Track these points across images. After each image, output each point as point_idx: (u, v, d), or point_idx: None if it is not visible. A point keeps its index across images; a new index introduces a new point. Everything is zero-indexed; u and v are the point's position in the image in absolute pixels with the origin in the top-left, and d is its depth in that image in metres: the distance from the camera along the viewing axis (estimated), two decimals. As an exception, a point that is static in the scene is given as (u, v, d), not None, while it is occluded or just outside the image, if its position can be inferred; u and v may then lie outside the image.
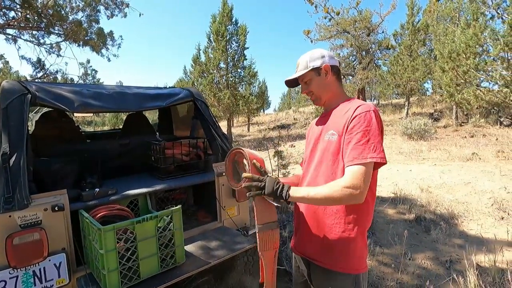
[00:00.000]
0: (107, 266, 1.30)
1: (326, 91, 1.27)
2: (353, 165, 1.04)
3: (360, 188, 1.01)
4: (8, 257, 1.31)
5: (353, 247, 1.15)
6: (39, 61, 6.07)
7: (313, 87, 1.28)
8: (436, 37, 13.05)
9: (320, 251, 1.20)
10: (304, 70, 1.27)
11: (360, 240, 1.16)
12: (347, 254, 1.16)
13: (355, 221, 1.14)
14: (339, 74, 1.31)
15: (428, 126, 11.15)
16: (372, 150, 1.04)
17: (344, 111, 1.17)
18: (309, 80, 1.28)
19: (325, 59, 1.26)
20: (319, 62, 1.26)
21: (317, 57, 1.27)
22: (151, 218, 1.42)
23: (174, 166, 2.15)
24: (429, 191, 4.94)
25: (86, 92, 1.98)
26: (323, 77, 1.26)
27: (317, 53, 1.28)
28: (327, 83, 1.27)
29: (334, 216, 1.16)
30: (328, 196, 1.04)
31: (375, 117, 1.10)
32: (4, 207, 1.34)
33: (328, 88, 1.27)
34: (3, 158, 1.45)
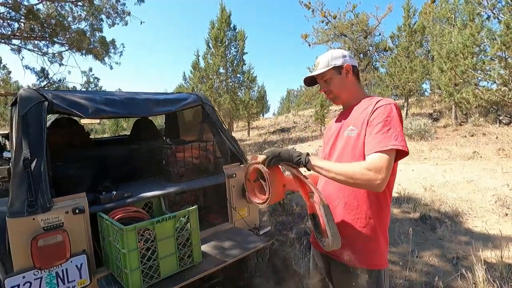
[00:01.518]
0: (129, 265, 1.34)
1: (346, 90, 1.28)
2: (374, 153, 1.03)
3: (381, 174, 0.98)
4: (33, 258, 1.35)
5: (375, 242, 1.15)
6: (42, 70, 6.15)
7: (333, 85, 1.29)
8: (433, 38, 13.21)
9: (343, 248, 1.16)
10: (325, 68, 1.27)
11: (381, 235, 1.16)
12: (369, 250, 1.15)
13: (376, 216, 1.14)
14: (358, 75, 1.33)
15: (428, 126, 11.21)
16: (394, 139, 1.02)
17: (364, 107, 1.18)
18: (329, 78, 1.28)
19: (347, 59, 1.28)
20: (340, 61, 1.27)
21: (339, 56, 1.28)
22: (170, 218, 1.47)
23: (185, 169, 2.20)
24: (433, 190, 4.98)
25: (98, 99, 2.03)
26: (344, 76, 1.27)
27: (338, 52, 1.30)
28: (347, 82, 1.27)
29: (355, 211, 1.16)
30: (348, 173, 1.02)
31: (396, 109, 1.10)
32: (28, 211, 1.39)
33: (348, 87, 1.28)
34: (25, 163, 1.50)
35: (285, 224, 4.05)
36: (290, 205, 4.68)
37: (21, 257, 1.38)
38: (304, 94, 21.76)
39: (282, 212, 4.46)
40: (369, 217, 1.15)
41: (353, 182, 1.03)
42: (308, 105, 23.75)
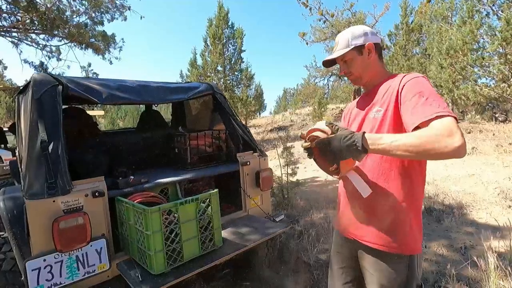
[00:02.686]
0: (153, 247, 1.31)
1: (369, 71, 1.19)
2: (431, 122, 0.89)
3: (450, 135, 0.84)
4: (55, 240, 1.32)
5: (409, 227, 1.10)
6: (41, 64, 6.04)
7: (354, 67, 1.19)
8: (430, 37, 13.32)
9: (374, 232, 1.13)
10: (346, 49, 1.17)
11: (415, 220, 1.11)
12: (403, 235, 1.09)
13: (409, 199, 1.09)
14: (381, 52, 1.23)
15: (426, 123, 11.33)
16: (436, 106, 0.91)
17: (389, 86, 1.11)
18: (349, 59, 1.19)
19: (368, 37, 1.18)
20: (361, 39, 1.17)
21: (360, 34, 1.18)
22: (192, 200, 1.44)
23: (198, 157, 2.18)
24: (435, 183, 5.02)
25: (112, 85, 2.00)
26: (366, 56, 1.17)
27: (359, 30, 1.20)
28: (369, 63, 1.18)
29: (387, 196, 1.10)
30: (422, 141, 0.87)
31: (426, 80, 1.02)
32: (48, 192, 1.36)
33: (371, 67, 1.19)
34: (42, 146, 1.46)
35: (291, 217, 4.05)
36: (295, 199, 4.68)
37: (41, 240, 1.34)
38: (301, 93, 21.80)
39: (286, 206, 4.46)
40: (401, 200, 1.09)
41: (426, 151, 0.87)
42: (306, 104, 23.81)
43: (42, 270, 1.31)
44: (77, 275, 1.39)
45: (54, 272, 1.34)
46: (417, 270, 1.13)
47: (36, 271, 1.29)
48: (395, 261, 1.11)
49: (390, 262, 1.12)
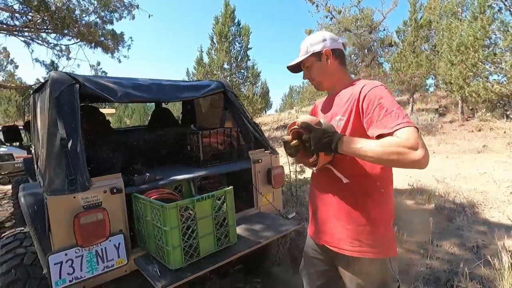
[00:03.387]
0: (171, 242, 1.34)
1: (328, 76, 1.21)
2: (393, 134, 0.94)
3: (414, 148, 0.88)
4: (76, 236, 1.35)
5: (380, 231, 1.11)
6: (52, 63, 6.15)
7: (314, 72, 1.22)
8: (439, 33, 13.11)
9: (345, 239, 1.13)
10: (304, 56, 1.21)
11: (385, 223, 1.12)
12: (374, 239, 1.10)
13: (379, 204, 1.10)
14: (343, 57, 1.24)
15: (435, 121, 11.20)
16: (396, 118, 0.95)
17: (350, 94, 1.12)
18: (310, 65, 1.22)
19: (326, 43, 1.20)
20: (319, 46, 1.19)
21: (318, 40, 1.20)
22: (209, 197, 1.46)
23: (211, 155, 2.20)
24: (445, 182, 4.97)
25: (126, 83, 2.03)
26: (324, 62, 1.20)
27: (318, 36, 1.22)
28: (328, 68, 1.20)
29: (356, 200, 1.11)
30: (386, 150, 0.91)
31: (385, 89, 1.05)
32: (69, 189, 1.39)
33: (330, 73, 1.21)
34: (62, 143, 1.49)
35: (300, 215, 4.06)
36: (303, 197, 4.68)
37: (62, 235, 1.38)
38: (307, 90, 21.68)
39: (295, 203, 4.47)
40: (369, 207, 1.10)
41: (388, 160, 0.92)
42: (312, 101, 23.68)
43: (64, 264, 1.34)
44: (96, 269, 1.43)
45: (75, 266, 1.37)
46: (393, 272, 1.14)
47: (58, 265, 1.33)
48: (371, 265, 1.11)
49: (366, 266, 1.12)
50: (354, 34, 17.67)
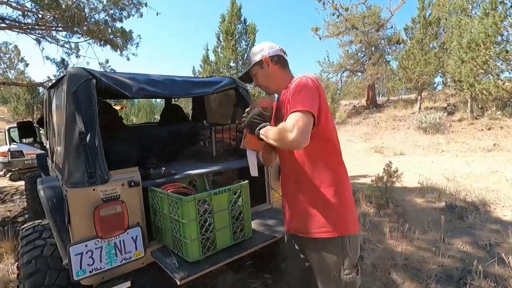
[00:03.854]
0: (189, 235, 1.35)
1: (272, 80, 1.37)
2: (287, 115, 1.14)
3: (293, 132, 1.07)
4: (96, 227, 1.37)
5: (332, 209, 1.21)
6: (63, 61, 6.22)
7: (260, 79, 1.40)
8: (448, 30, 12.92)
9: (303, 222, 1.26)
10: (249, 67, 1.41)
11: (338, 201, 1.22)
12: (326, 218, 1.21)
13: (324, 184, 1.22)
14: (282, 61, 1.39)
15: (443, 119, 11.06)
16: (296, 104, 1.13)
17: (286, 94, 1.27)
18: (255, 73, 1.40)
19: (264, 52, 1.37)
20: (259, 56, 1.37)
21: (257, 51, 1.38)
22: (225, 191, 1.47)
23: (224, 150, 2.21)
24: (456, 180, 4.91)
25: (141, 79, 2.04)
26: (266, 69, 1.36)
27: (257, 48, 1.41)
28: (270, 73, 1.36)
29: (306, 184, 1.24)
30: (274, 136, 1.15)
31: (307, 80, 1.18)
32: (89, 181, 1.41)
33: (273, 77, 1.36)
34: (81, 137, 1.51)
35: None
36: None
37: (82, 227, 1.40)
38: (313, 89, 21.53)
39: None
40: (316, 187, 1.23)
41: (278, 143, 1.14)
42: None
43: (84, 255, 1.37)
44: (115, 261, 1.45)
45: (95, 257, 1.39)
46: (351, 250, 1.22)
47: (79, 256, 1.35)
48: (327, 244, 1.21)
49: (325, 245, 1.22)
50: (361, 32, 17.51)
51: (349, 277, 1.21)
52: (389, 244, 3.11)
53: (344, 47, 18.98)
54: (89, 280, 1.42)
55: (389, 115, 14.80)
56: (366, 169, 6.54)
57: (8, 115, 26.49)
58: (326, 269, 1.23)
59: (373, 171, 5.91)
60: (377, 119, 15.02)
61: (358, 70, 19.17)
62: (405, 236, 3.22)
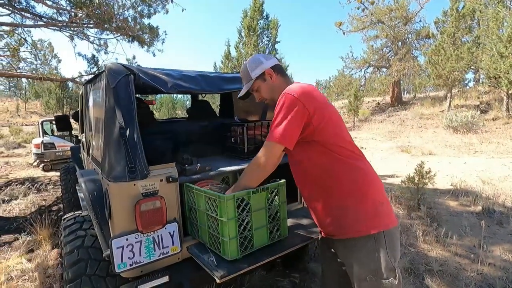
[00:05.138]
0: (228, 233, 1.34)
1: (277, 92, 1.33)
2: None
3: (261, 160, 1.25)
4: (137, 222, 1.39)
5: (357, 208, 1.16)
6: (93, 57, 6.46)
7: (264, 92, 1.39)
8: (483, 23, 12.15)
9: (330, 224, 1.23)
10: (250, 82, 1.39)
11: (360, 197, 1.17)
12: (354, 218, 1.16)
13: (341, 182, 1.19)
14: (281, 69, 1.40)
15: (476, 118, 10.46)
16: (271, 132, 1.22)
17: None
18: (258, 88, 1.39)
19: (264, 64, 1.36)
20: (259, 69, 1.36)
21: (255, 65, 1.37)
22: (263, 189, 1.44)
23: (256, 147, 2.18)
24: (492, 183, 4.62)
25: (175, 74, 2.04)
26: (269, 81, 1.37)
27: (253, 62, 1.39)
28: (275, 85, 1.36)
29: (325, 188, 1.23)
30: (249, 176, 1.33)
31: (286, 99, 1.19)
32: (130, 176, 1.43)
33: (277, 88, 1.34)
34: (121, 132, 1.53)
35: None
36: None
37: (123, 220, 1.42)
38: (335, 85, 21.11)
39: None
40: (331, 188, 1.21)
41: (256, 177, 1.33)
42: (339, 96, 23.08)
43: (125, 248, 1.39)
44: (153, 255, 1.46)
45: (135, 251, 1.41)
46: (387, 249, 1.14)
47: (120, 249, 1.37)
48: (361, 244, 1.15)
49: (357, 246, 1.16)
50: (388, 26, 16.86)
51: (387, 282, 1.13)
52: (421, 248, 2.98)
53: (368, 42, 18.40)
54: (129, 273, 1.44)
55: (415, 113, 14.22)
56: (393, 169, 6.31)
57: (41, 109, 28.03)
58: (360, 273, 1.16)
59: (401, 171, 5.69)
60: (403, 117, 14.48)
61: (383, 66, 18.52)
62: (439, 240, 3.08)
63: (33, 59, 7.54)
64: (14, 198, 5.09)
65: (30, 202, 4.83)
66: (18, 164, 10.99)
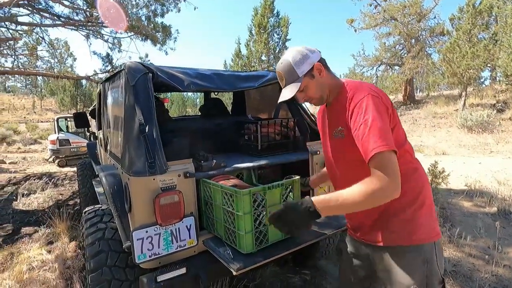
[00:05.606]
0: (244, 227, 1.37)
1: (326, 89, 1.19)
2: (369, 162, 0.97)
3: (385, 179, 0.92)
4: (156, 215, 1.44)
5: (409, 216, 1.08)
6: (107, 55, 6.62)
7: (312, 91, 1.18)
8: (502, 19, 11.80)
9: (374, 229, 1.14)
10: (299, 81, 1.15)
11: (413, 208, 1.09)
12: (407, 225, 1.08)
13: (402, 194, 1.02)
14: (326, 64, 1.21)
15: (492, 117, 10.20)
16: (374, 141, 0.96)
17: (344, 103, 1.11)
18: (305, 86, 1.17)
19: (311, 57, 1.15)
20: (306, 65, 1.14)
21: (301, 60, 1.14)
22: (278, 185, 1.47)
23: (269, 144, 2.21)
24: (509, 184, 4.52)
25: (191, 73, 2.09)
26: (318, 77, 1.16)
27: (297, 55, 1.15)
28: (324, 81, 1.18)
29: None
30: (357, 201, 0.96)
31: (371, 100, 1.02)
32: (149, 171, 1.48)
33: (326, 84, 1.18)
34: (141, 128, 1.59)
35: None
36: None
37: (142, 213, 1.48)
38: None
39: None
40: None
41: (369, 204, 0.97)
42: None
43: (145, 240, 1.45)
44: (171, 248, 1.52)
45: (154, 243, 1.47)
46: (437, 261, 1.08)
47: (140, 241, 1.43)
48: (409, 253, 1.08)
49: (405, 255, 1.09)
50: (401, 23, 16.54)
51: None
52: (434, 248, 2.95)
53: (381, 40, 18.09)
54: (148, 264, 1.50)
55: (428, 111, 13.94)
56: (404, 168, 6.22)
57: (56, 106, 28.75)
58: (404, 282, 1.08)
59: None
60: (415, 115, 14.22)
61: (396, 63, 18.19)
62: (452, 241, 3.04)
63: (50, 58, 7.78)
64: (33, 192, 5.28)
65: (48, 196, 5.00)
66: (34, 159, 11.36)
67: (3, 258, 3.00)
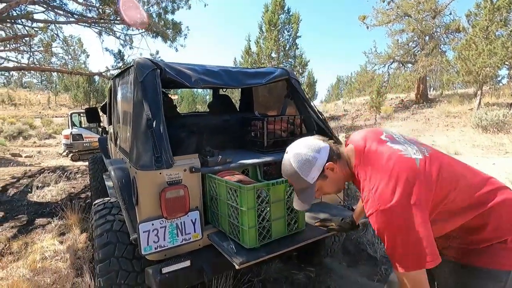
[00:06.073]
0: (247, 222, 1.39)
1: (342, 181, 1.14)
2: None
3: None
4: (162, 208, 1.47)
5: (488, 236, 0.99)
6: (119, 52, 6.73)
7: (327, 189, 1.14)
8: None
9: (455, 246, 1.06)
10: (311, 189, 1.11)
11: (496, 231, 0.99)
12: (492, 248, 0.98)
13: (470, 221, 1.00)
14: (336, 149, 1.14)
15: (508, 117, 9.89)
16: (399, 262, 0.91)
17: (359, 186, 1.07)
18: (319, 187, 1.12)
19: (319, 161, 1.07)
20: (316, 170, 1.07)
21: (308, 167, 1.07)
22: (282, 182, 1.48)
23: (275, 141, 2.21)
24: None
25: (199, 69, 2.11)
26: (331, 175, 1.09)
27: (302, 164, 1.08)
28: (338, 176, 1.11)
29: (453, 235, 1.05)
30: None
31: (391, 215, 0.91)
32: (156, 165, 1.51)
33: (342, 177, 1.13)
34: (148, 123, 1.62)
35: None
36: (355, 191, 4.52)
37: (149, 206, 1.51)
38: (357, 81, 20.58)
39: (347, 196, 4.34)
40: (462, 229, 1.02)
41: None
42: (361, 92, 22.49)
43: (151, 232, 1.48)
44: (176, 241, 1.55)
45: (160, 235, 1.50)
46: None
47: (146, 233, 1.47)
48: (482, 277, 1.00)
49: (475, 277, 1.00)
50: (415, 19, 16.16)
51: None
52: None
53: (393, 37, 17.72)
54: (154, 256, 1.54)
55: (441, 110, 13.62)
56: (415, 168, 6.12)
57: (69, 101, 29.43)
58: None
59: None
60: (428, 115, 13.92)
61: (409, 61, 17.82)
62: (461, 242, 2.98)
63: (64, 54, 7.96)
64: (47, 185, 5.44)
65: (61, 189, 5.15)
66: (49, 153, 11.70)
67: (18, 247, 3.12)
